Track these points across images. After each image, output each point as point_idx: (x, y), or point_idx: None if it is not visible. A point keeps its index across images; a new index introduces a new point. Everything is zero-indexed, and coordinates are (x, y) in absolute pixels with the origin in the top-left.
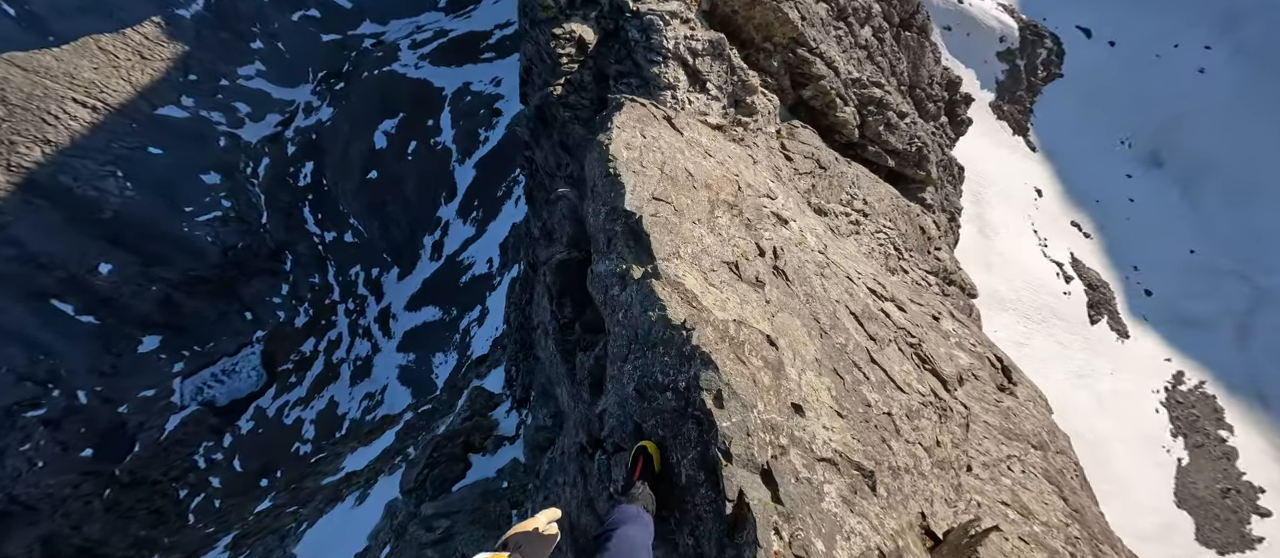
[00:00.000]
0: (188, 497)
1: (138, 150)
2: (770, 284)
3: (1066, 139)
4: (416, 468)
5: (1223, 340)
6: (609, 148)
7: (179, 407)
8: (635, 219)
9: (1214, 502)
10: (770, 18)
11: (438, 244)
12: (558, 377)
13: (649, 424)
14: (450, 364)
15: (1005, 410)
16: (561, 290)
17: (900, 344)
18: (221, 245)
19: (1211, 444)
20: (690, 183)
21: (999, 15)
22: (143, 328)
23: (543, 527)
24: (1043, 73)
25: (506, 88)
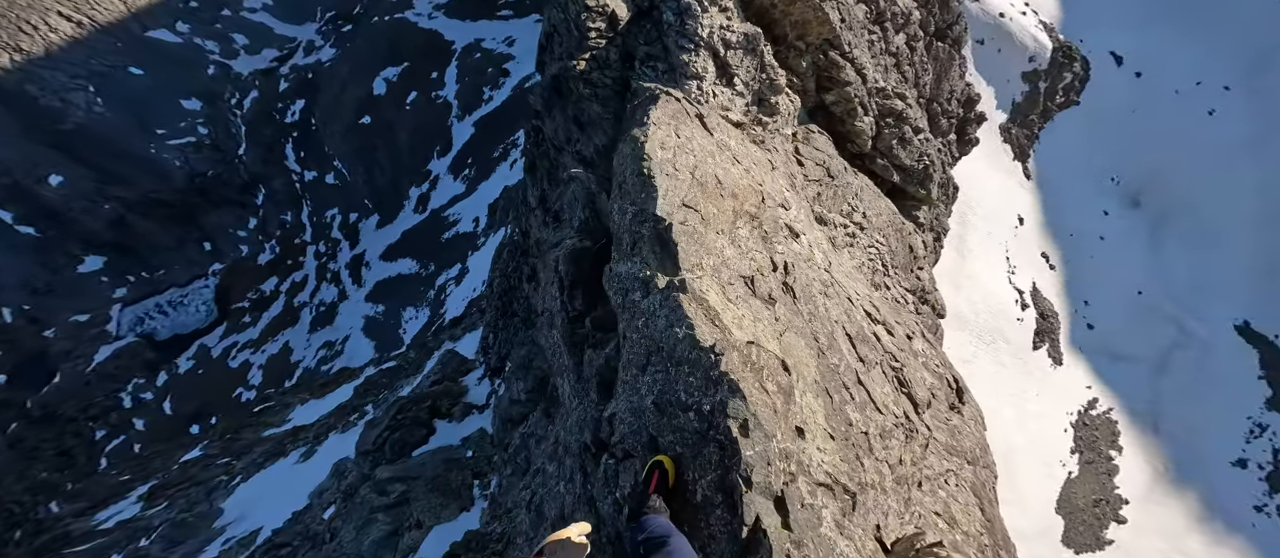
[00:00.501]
0: (104, 439)
1: (116, 69)
2: (780, 302)
3: (1062, 169)
4: (377, 429)
5: (1140, 374)
6: (644, 145)
7: (113, 337)
8: (665, 226)
9: (1085, 510)
10: (810, 16)
11: (424, 197)
12: (561, 368)
13: (666, 439)
14: (421, 321)
15: (952, 428)
16: (574, 281)
17: (885, 367)
18: (189, 171)
19: (1100, 461)
20: (718, 191)
21: (1036, 33)
22: (87, 246)
23: (575, 537)
24: (1061, 98)
25: (519, 49)
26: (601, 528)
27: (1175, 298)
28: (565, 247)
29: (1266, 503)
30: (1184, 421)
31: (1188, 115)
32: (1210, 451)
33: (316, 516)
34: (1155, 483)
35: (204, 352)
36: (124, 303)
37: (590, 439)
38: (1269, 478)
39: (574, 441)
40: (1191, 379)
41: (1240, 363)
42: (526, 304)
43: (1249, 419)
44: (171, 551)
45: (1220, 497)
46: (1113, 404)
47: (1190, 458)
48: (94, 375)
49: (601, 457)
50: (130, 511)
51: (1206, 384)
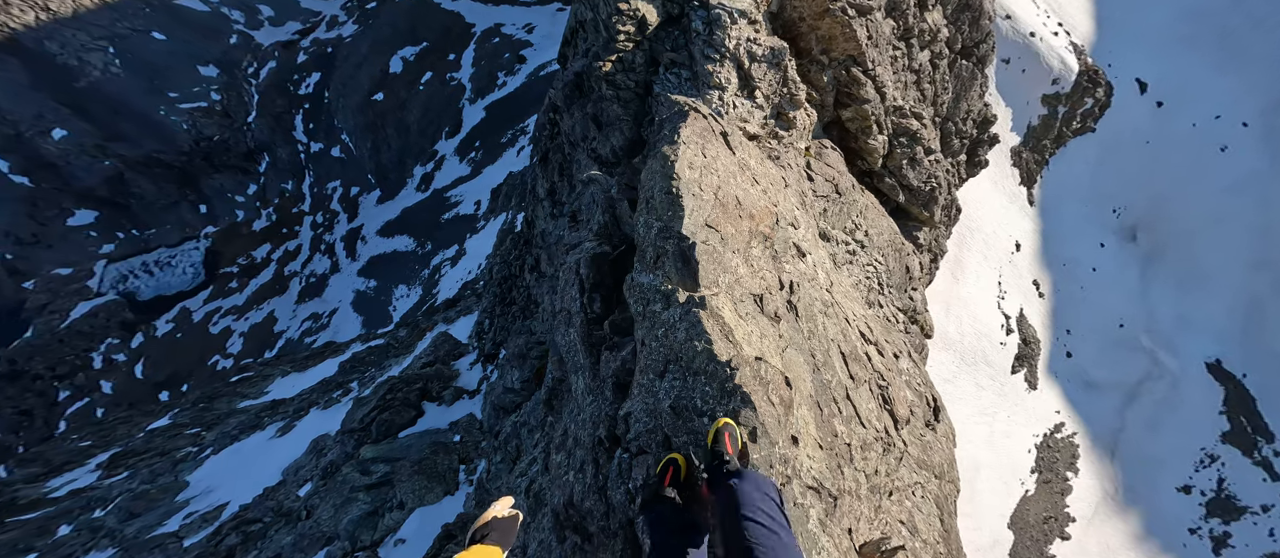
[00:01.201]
0: (67, 401)
1: (139, 33)
2: (784, 319)
3: (1066, 198)
4: (365, 408)
5: (1108, 404)
6: (675, 164)
7: (93, 293)
8: (689, 245)
9: (1036, 526)
10: (837, 32)
11: (428, 176)
12: (577, 366)
13: (680, 440)
14: (412, 299)
15: (925, 444)
16: (594, 285)
17: (872, 386)
18: (195, 134)
19: (1057, 481)
20: (738, 212)
21: (1065, 54)
22: (80, 201)
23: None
24: (1077, 124)
25: (537, 37)
26: (611, 515)
27: (1154, 332)
28: (586, 251)
29: (1201, 526)
30: (1141, 448)
31: (1200, 150)
32: (1159, 478)
33: (291, 492)
34: (1103, 504)
35: (185, 315)
36: (109, 259)
37: (604, 435)
38: (1209, 504)
39: (587, 435)
40: (1156, 410)
41: (1205, 398)
42: (526, 294)
43: (1202, 450)
44: (127, 523)
45: (1160, 519)
46: (1078, 429)
47: (1141, 483)
48: (67, 332)
49: (615, 451)
50: (87, 479)
51: (1169, 416)
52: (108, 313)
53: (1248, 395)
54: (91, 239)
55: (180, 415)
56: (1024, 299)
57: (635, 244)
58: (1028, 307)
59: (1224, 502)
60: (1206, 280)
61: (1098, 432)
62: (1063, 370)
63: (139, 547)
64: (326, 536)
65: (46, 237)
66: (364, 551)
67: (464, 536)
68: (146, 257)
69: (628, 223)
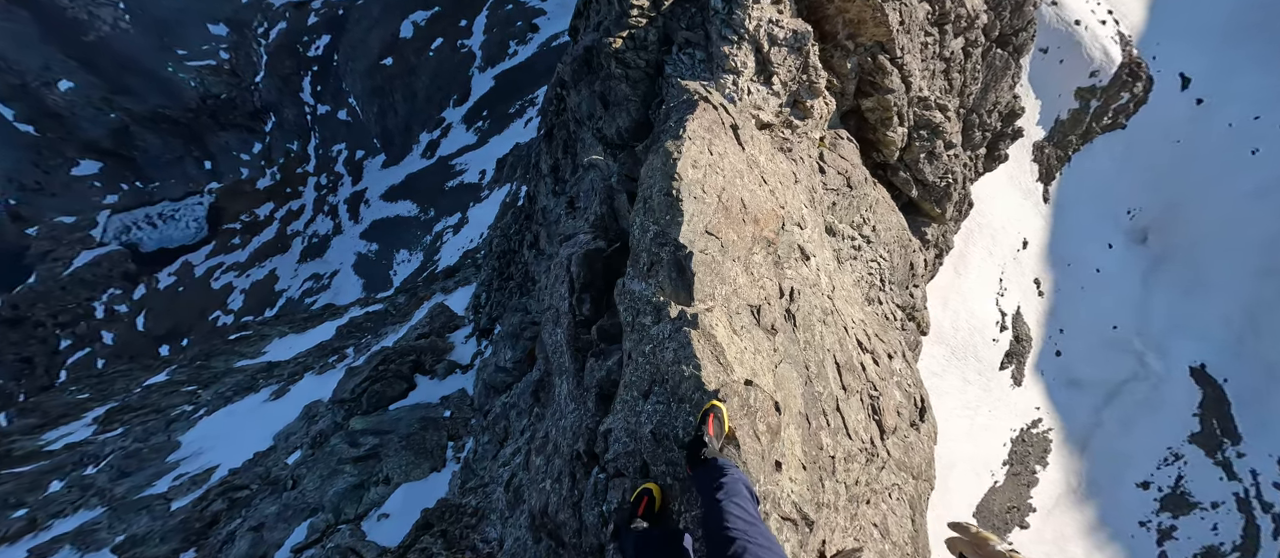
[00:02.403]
0: (69, 349)
1: None
2: (781, 331)
3: (1082, 196)
4: (357, 378)
5: (1088, 402)
6: (677, 162)
7: (96, 242)
8: (686, 254)
9: (999, 516)
10: (867, 15)
11: (434, 143)
12: (561, 369)
13: (658, 469)
14: (413, 265)
15: (908, 445)
16: (585, 284)
17: (863, 396)
18: (202, 91)
19: (1025, 474)
20: (742, 215)
21: (1108, 44)
22: (84, 151)
23: None
24: (1109, 119)
25: (552, 5)
26: (584, 534)
27: (1145, 335)
28: (578, 245)
29: (1151, 520)
30: (1111, 446)
31: (1230, 152)
32: (1124, 472)
33: (280, 460)
34: (1065, 496)
35: (187, 269)
36: (113, 210)
37: (583, 449)
38: (1163, 499)
39: (567, 445)
40: (1134, 410)
41: (1183, 401)
42: (524, 270)
43: (1168, 449)
44: (118, 482)
45: (1115, 512)
46: (1053, 425)
47: (1105, 477)
48: (70, 280)
49: (593, 469)
50: (83, 433)
51: (1145, 415)
52: (110, 263)
53: (1224, 399)
54: (95, 189)
55: (177, 373)
56: (1022, 297)
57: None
58: (1025, 305)
59: (1178, 498)
60: (1209, 286)
61: (1073, 428)
62: (1049, 368)
63: (127, 508)
64: (311, 506)
65: (50, 185)
66: (347, 524)
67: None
68: (150, 209)
69: (625, 217)
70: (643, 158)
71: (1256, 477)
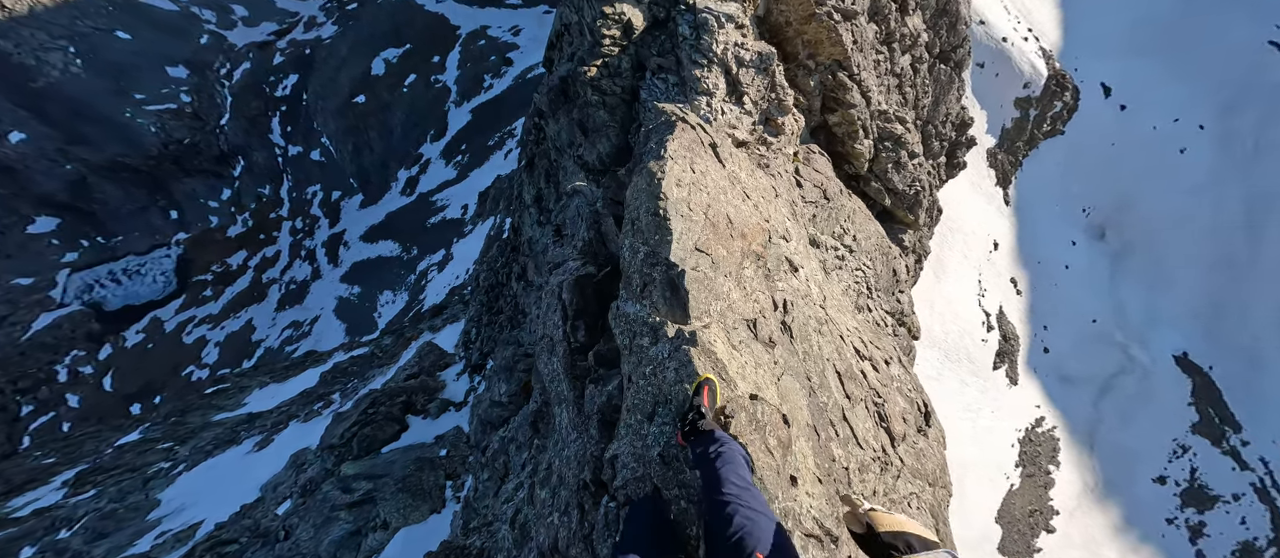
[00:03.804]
0: (31, 415)
1: (102, 31)
2: (779, 343)
3: (1039, 197)
4: (346, 423)
5: (1084, 397)
6: (662, 182)
7: (56, 304)
8: (678, 273)
9: (1022, 520)
10: (823, 37)
11: (412, 180)
12: (560, 397)
13: (671, 493)
14: (398, 305)
15: (918, 451)
16: (578, 311)
17: (868, 403)
18: (164, 137)
19: (1039, 475)
20: (729, 231)
21: (1034, 59)
22: (39, 206)
23: None
24: (1048, 127)
25: (524, 39)
26: None
27: (1125, 327)
28: (568, 271)
29: (1177, 516)
30: (1117, 440)
31: (1161, 152)
32: (1135, 468)
33: (269, 510)
34: (1084, 496)
35: (156, 325)
36: (73, 268)
37: (590, 478)
38: (1183, 494)
39: (572, 475)
40: (1129, 403)
41: (1174, 390)
42: (514, 303)
43: (1174, 441)
44: (95, 544)
45: (1138, 510)
46: (1057, 423)
47: (1119, 475)
48: (29, 345)
49: (602, 498)
50: (52, 498)
51: (1141, 408)
52: (72, 324)
53: (1214, 387)
54: (53, 247)
55: (152, 430)
56: (1003, 297)
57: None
58: (1007, 304)
59: (1197, 492)
60: (1171, 277)
61: (1075, 424)
62: (1041, 365)
63: None
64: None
65: (4, 246)
66: None
67: None
68: (113, 265)
69: (613, 241)
70: (625, 181)
71: (1268, 465)
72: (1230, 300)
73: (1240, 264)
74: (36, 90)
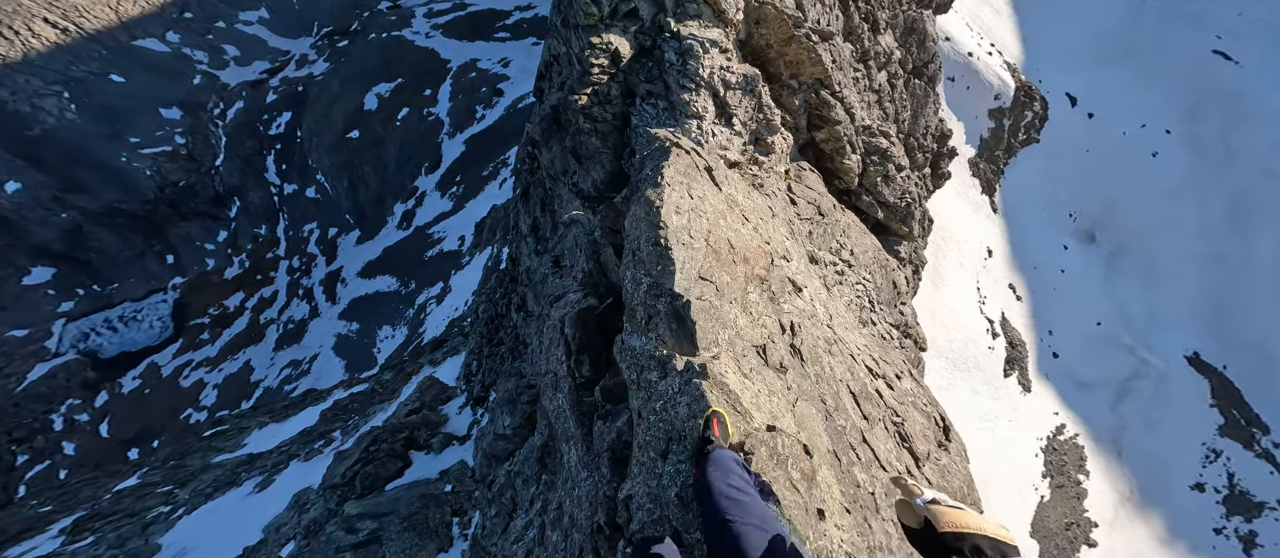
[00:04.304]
0: (26, 465)
1: (96, 76)
2: (790, 368)
3: (1025, 204)
4: (347, 462)
5: (1103, 402)
6: (661, 210)
7: (51, 354)
8: (683, 303)
9: (1058, 533)
10: (803, 57)
11: (408, 213)
12: (568, 435)
13: (692, 536)
14: (397, 340)
15: (942, 468)
16: (581, 346)
17: (887, 423)
18: (160, 181)
19: (1070, 485)
20: (731, 256)
21: (1001, 73)
22: (35, 257)
23: None
24: (1023, 136)
25: (514, 70)
26: None
27: (1131, 329)
28: (570, 304)
29: (1224, 525)
30: (1145, 447)
31: (1135, 156)
32: (1170, 476)
33: (272, 553)
34: (1121, 507)
35: (153, 370)
36: (68, 318)
37: (604, 520)
38: (1226, 502)
39: (585, 518)
40: (1149, 407)
41: (1192, 392)
42: (514, 334)
43: (1204, 445)
44: None
45: (1182, 520)
46: (1079, 430)
47: (1153, 483)
48: (25, 395)
49: (617, 542)
50: (49, 546)
51: (1163, 411)
52: (67, 373)
53: (1232, 387)
54: (49, 298)
55: (150, 474)
56: (1003, 303)
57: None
58: (1008, 310)
59: (1240, 498)
60: (1166, 277)
61: (1099, 431)
62: (1053, 371)
63: None
64: None
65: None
66: None
67: None
68: (109, 313)
69: (614, 271)
70: (623, 209)
71: None
72: (1232, 298)
73: (1235, 262)
74: (32, 138)
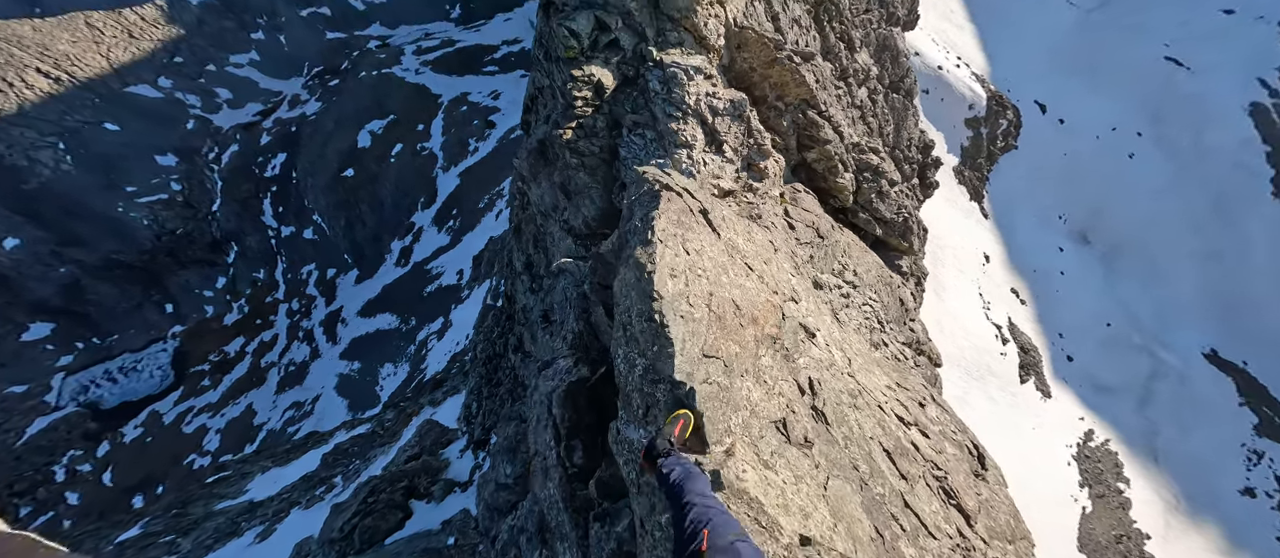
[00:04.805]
0: (31, 515)
1: (91, 125)
2: (816, 437)
3: (1014, 209)
4: (345, 514)
5: (1127, 404)
6: (653, 278)
7: (51, 408)
8: (685, 391)
9: (1109, 547)
10: (787, 79)
11: (406, 250)
12: (562, 533)
13: None
14: (400, 377)
15: (984, 503)
16: (571, 428)
17: (928, 479)
18: (157, 230)
19: (1111, 495)
20: (737, 320)
21: (971, 84)
22: (33, 313)
23: None
24: (1001, 143)
25: (504, 102)
26: None
27: (1141, 329)
28: (558, 374)
29: None
30: (1182, 451)
31: (1112, 159)
32: (1216, 480)
33: None
34: (1171, 516)
35: (155, 418)
36: (67, 372)
37: None
38: None
39: None
40: (1178, 408)
41: (1219, 391)
42: (513, 375)
43: (1244, 447)
44: None
45: (1240, 528)
46: (1109, 435)
47: (1198, 489)
48: (25, 449)
49: None
50: None
51: (1193, 413)
52: (68, 426)
53: (1258, 384)
54: (47, 353)
55: (152, 524)
56: (1008, 308)
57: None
58: (1014, 315)
59: None
60: (1165, 275)
61: (1129, 436)
62: (1070, 375)
63: None
64: None
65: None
66: None
67: None
68: (109, 364)
69: (605, 332)
70: (612, 260)
71: None
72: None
73: (1231, 257)
74: (29, 192)
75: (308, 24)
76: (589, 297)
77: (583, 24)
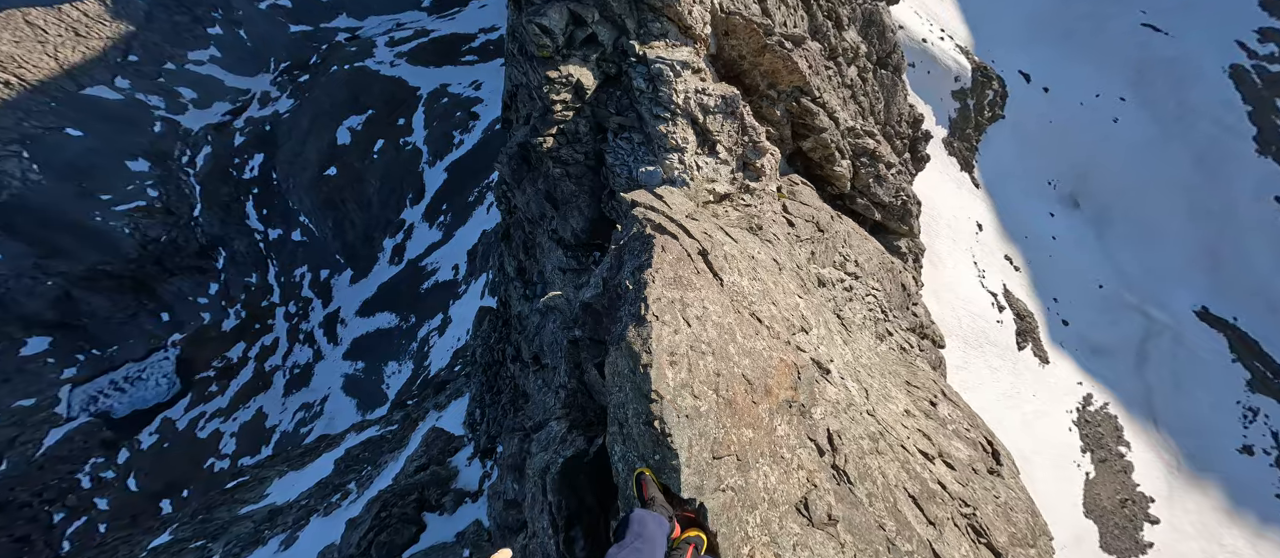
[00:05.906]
0: (64, 521)
1: (52, 131)
2: (839, 506)
3: (1004, 177)
4: (360, 530)
5: (1124, 366)
6: (650, 372)
7: (64, 419)
8: (696, 507)
9: (1114, 511)
10: (779, 66)
11: (399, 247)
12: None
13: None
14: (404, 375)
15: (1003, 507)
16: (569, 517)
17: (956, 520)
18: (140, 238)
19: (1113, 459)
20: (749, 397)
21: (956, 56)
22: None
23: None
24: (989, 113)
25: (486, 92)
26: None
27: (1133, 289)
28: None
29: None
30: (1179, 410)
31: (1097, 124)
32: (1214, 440)
33: None
34: (1173, 477)
35: (168, 425)
36: (73, 383)
37: None
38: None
39: None
40: (1173, 367)
41: (1211, 348)
42: (513, 385)
43: (1239, 404)
44: None
45: (1242, 488)
46: (1107, 399)
47: (1198, 449)
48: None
49: None
50: None
51: (1187, 372)
52: (84, 435)
53: (1249, 339)
54: (49, 365)
55: (181, 530)
56: (1003, 275)
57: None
58: (1009, 281)
59: None
60: (1155, 235)
61: (1127, 398)
62: (1066, 339)
63: None
64: None
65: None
66: None
67: None
68: (113, 375)
69: (600, 392)
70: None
71: None
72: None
73: (1218, 214)
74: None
75: (267, 17)
76: (581, 347)
77: (555, 20)
